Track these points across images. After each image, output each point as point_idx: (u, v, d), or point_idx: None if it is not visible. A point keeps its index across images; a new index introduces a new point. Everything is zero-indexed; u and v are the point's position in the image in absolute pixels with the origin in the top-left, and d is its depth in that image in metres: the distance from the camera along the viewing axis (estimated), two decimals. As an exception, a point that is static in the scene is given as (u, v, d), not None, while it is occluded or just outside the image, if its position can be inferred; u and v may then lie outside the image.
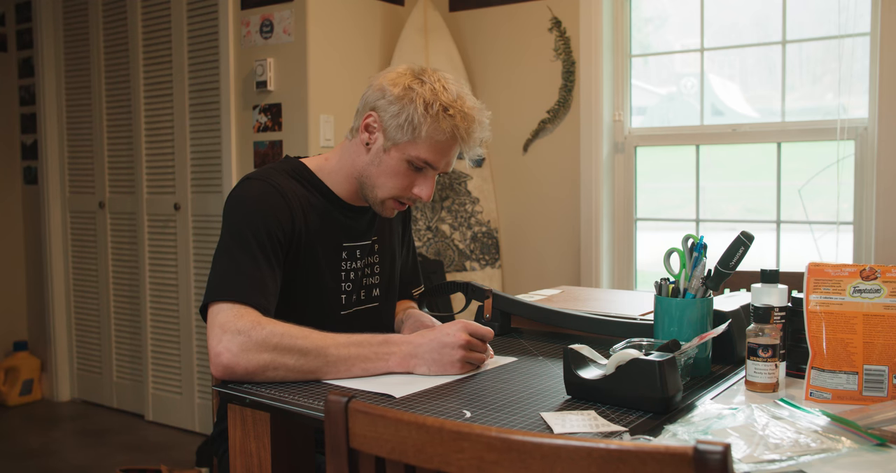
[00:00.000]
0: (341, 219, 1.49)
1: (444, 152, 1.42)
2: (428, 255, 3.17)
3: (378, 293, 1.57)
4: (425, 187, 1.44)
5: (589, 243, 3.04)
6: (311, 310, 1.45)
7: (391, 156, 1.42)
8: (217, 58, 3.20)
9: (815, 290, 1.17)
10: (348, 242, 1.50)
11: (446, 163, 1.44)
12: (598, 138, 3.00)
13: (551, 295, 1.97)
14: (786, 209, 2.76)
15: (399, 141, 1.40)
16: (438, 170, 1.44)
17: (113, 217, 3.72)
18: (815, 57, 2.76)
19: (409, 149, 1.40)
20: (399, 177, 1.43)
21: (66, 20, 3.83)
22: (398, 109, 1.39)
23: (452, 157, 1.45)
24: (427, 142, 1.39)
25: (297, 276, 1.42)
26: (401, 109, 1.39)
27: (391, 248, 1.61)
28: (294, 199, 1.42)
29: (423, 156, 1.40)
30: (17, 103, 4.02)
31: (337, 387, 1.22)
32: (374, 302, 1.56)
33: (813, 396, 1.16)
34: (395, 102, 1.39)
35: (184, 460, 3.10)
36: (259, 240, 1.35)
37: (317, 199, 1.46)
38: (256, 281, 1.32)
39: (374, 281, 1.56)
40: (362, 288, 1.53)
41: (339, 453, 0.89)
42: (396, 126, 1.39)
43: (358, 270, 1.51)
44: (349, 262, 1.50)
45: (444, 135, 1.39)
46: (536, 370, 1.33)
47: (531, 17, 3.14)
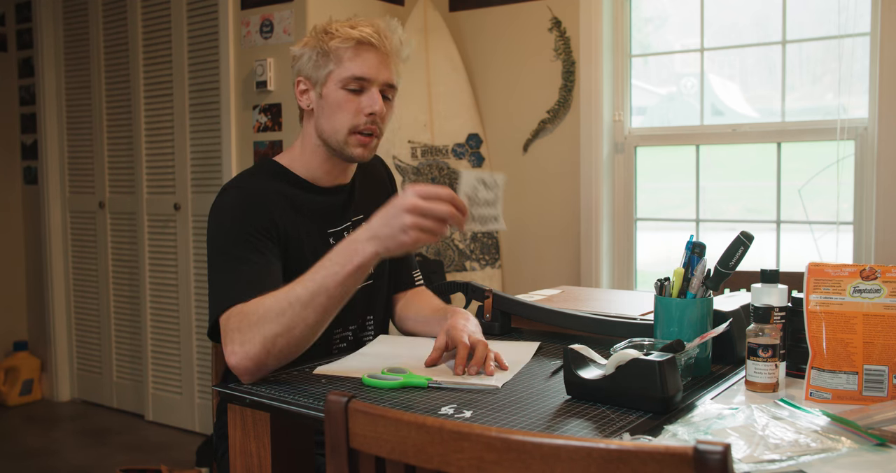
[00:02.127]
0: (319, 206, 1.50)
1: (365, 60, 1.44)
2: (428, 255, 3.17)
3: (372, 271, 1.55)
4: (373, 102, 1.45)
5: (589, 243, 3.04)
6: None
7: (327, 95, 1.45)
8: (217, 58, 3.20)
9: (815, 290, 1.17)
10: (332, 228, 1.51)
11: (380, 73, 1.45)
12: (598, 138, 3.00)
13: (551, 295, 1.97)
14: (786, 209, 2.76)
15: (322, 76, 1.45)
16: (375, 82, 1.46)
17: (113, 217, 3.72)
18: (815, 57, 2.76)
19: (335, 76, 1.44)
20: (343, 107, 1.45)
21: (66, 20, 3.83)
22: (307, 53, 1.45)
23: (382, 65, 1.46)
24: (342, 59, 1.43)
25: (290, 273, 1.42)
26: (310, 52, 1.45)
27: None
28: (271, 198, 1.44)
29: (348, 72, 1.43)
30: (17, 103, 4.02)
31: (338, 389, 1.22)
32: (368, 281, 1.56)
33: (813, 396, 1.16)
34: (303, 51, 1.46)
35: (184, 460, 3.10)
36: (246, 241, 1.36)
37: (292, 191, 1.48)
38: (245, 280, 1.31)
39: None
40: None
41: (339, 453, 0.89)
42: (312, 66, 1.45)
43: None
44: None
45: (350, 43, 1.43)
46: (537, 370, 1.33)
47: (531, 17, 3.14)
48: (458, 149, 3.21)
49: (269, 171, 1.51)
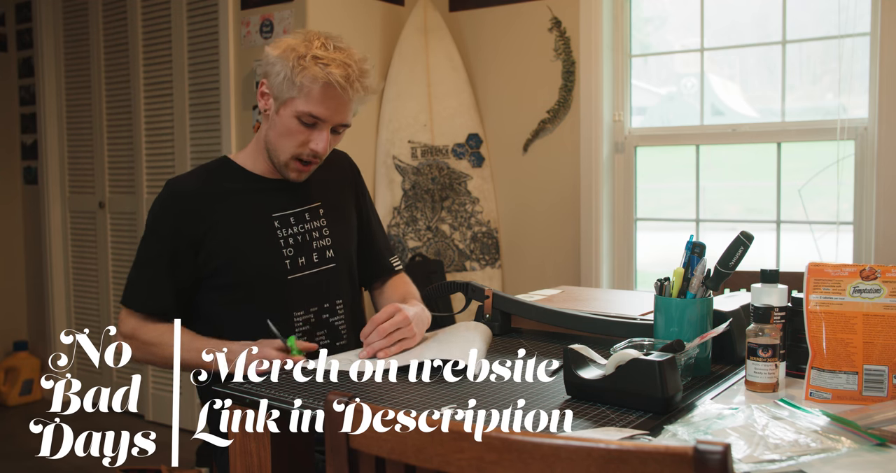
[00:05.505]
0: (264, 195, 1.57)
1: (325, 103, 1.46)
2: (428, 255, 3.17)
3: (332, 254, 1.62)
4: (320, 141, 1.49)
5: (589, 243, 3.04)
6: (260, 281, 1.53)
7: (282, 116, 1.49)
8: (217, 58, 3.20)
9: (815, 290, 1.17)
10: (277, 212, 1.57)
11: (335, 115, 1.49)
12: (598, 138, 3.00)
13: (551, 295, 1.97)
14: (786, 209, 2.76)
15: (283, 98, 1.47)
16: (329, 122, 1.49)
17: (113, 217, 3.72)
18: (815, 57, 2.76)
19: (293, 105, 1.47)
20: (293, 134, 1.49)
21: (66, 20, 3.83)
22: (279, 68, 1.46)
23: (340, 108, 1.49)
24: (306, 94, 1.45)
25: (232, 255, 1.52)
26: (281, 68, 1.46)
27: (341, 210, 1.67)
28: (193, 198, 1.52)
29: (306, 108, 1.46)
30: (17, 103, 4.02)
31: (339, 389, 1.22)
32: (329, 264, 1.61)
33: (813, 396, 1.16)
34: (276, 63, 1.47)
35: (184, 460, 3.10)
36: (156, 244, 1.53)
37: (236, 184, 1.56)
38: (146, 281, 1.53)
39: (325, 243, 1.61)
40: (312, 251, 1.59)
41: (339, 453, 0.89)
42: (278, 84, 1.47)
43: (299, 235, 1.58)
44: (284, 229, 1.57)
45: (318, 83, 1.44)
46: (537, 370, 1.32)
47: (531, 17, 3.14)
48: (458, 149, 3.21)
49: (216, 167, 1.60)
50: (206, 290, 1.55)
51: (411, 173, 3.15)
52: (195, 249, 1.52)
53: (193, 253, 1.52)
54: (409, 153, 3.15)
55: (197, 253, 1.52)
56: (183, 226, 1.51)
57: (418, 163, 3.16)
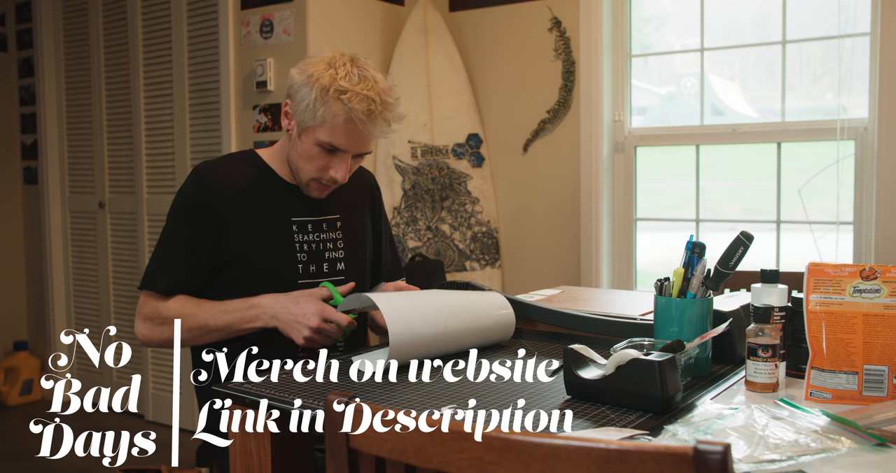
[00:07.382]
0: (286, 198, 1.58)
1: (346, 135, 1.47)
2: (428, 255, 3.17)
3: (343, 267, 1.63)
4: (339, 170, 1.51)
5: (589, 243, 3.04)
6: (268, 279, 1.53)
7: (304, 141, 1.50)
8: (217, 58, 3.20)
9: (815, 290, 1.17)
10: (297, 217, 1.58)
11: (356, 146, 1.49)
12: (598, 138, 3.00)
13: (551, 295, 1.97)
14: (786, 209, 2.76)
15: (306, 125, 1.48)
16: (349, 152, 1.50)
17: (113, 217, 3.72)
18: (815, 57, 2.76)
19: (315, 133, 1.47)
20: (314, 159, 1.50)
21: (66, 20, 3.83)
22: (303, 95, 1.46)
23: (361, 139, 1.49)
24: (327, 126, 1.45)
25: (250, 249, 1.53)
26: (304, 95, 1.46)
27: (358, 226, 1.68)
28: (224, 186, 1.53)
29: (327, 139, 1.46)
30: (17, 103, 4.02)
31: (339, 389, 1.22)
32: (339, 276, 1.62)
33: (813, 396, 1.16)
34: (300, 89, 1.47)
35: (184, 460, 3.10)
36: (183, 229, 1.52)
37: (263, 180, 1.57)
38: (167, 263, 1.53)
39: (337, 255, 1.62)
40: (324, 260, 1.60)
41: (339, 453, 0.89)
42: (301, 111, 1.47)
43: (314, 243, 1.59)
44: (301, 235, 1.58)
45: (339, 118, 1.44)
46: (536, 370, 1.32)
47: (531, 17, 3.14)
48: (458, 149, 3.21)
49: (247, 159, 1.60)
50: (219, 282, 1.55)
51: (411, 173, 3.15)
52: (217, 234, 1.53)
53: (216, 238, 1.53)
54: (409, 153, 3.15)
55: (219, 237, 1.53)
56: (208, 213, 1.52)
57: (418, 163, 3.16)
